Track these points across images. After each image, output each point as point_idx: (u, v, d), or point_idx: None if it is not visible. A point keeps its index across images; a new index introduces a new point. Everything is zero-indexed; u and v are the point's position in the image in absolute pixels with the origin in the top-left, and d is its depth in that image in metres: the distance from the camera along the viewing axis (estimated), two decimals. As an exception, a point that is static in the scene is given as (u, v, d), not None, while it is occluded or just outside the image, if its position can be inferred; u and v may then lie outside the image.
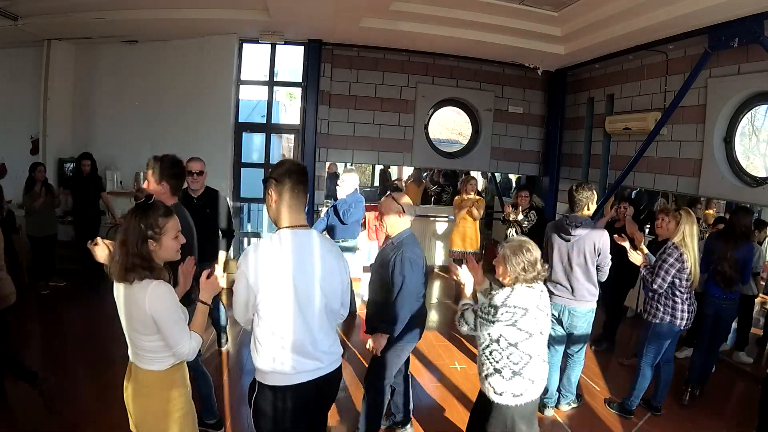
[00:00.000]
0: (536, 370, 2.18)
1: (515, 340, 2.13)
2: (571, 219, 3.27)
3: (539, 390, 2.22)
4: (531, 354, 2.15)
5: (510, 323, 2.12)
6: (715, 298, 3.70)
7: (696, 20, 4.35)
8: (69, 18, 5.34)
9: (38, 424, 2.97)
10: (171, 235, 1.84)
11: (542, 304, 2.20)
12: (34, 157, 6.15)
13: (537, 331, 2.15)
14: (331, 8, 5.04)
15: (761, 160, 4.94)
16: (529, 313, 2.12)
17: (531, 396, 2.18)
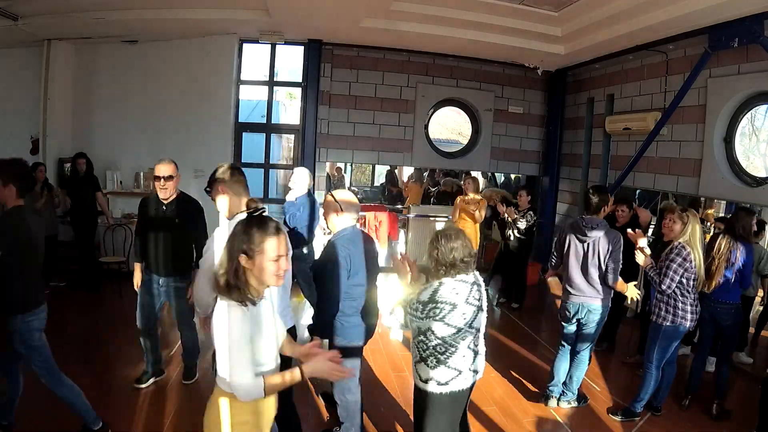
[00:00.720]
0: (463, 361, 2.19)
1: (442, 334, 2.14)
2: (586, 221, 3.32)
3: (467, 380, 2.23)
4: (458, 346, 2.17)
5: (438, 318, 2.12)
6: (710, 301, 3.46)
7: (696, 20, 4.35)
8: (69, 18, 5.34)
9: (38, 424, 2.97)
10: (270, 256, 1.62)
11: (473, 297, 2.17)
12: (34, 157, 6.14)
13: (465, 325, 2.15)
14: (331, 8, 5.05)
15: (761, 160, 4.94)
16: (457, 308, 2.12)
17: (458, 385, 2.20)
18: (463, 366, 2.19)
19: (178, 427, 3.02)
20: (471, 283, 2.19)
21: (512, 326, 5.28)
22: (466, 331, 2.16)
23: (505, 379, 3.96)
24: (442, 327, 2.13)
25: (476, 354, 2.25)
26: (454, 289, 2.13)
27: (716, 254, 3.43)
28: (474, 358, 2.24)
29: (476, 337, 2.23)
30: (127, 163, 6.38)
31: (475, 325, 2.19)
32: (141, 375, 3.50)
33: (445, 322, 2.12)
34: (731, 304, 3.47)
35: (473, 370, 2.24)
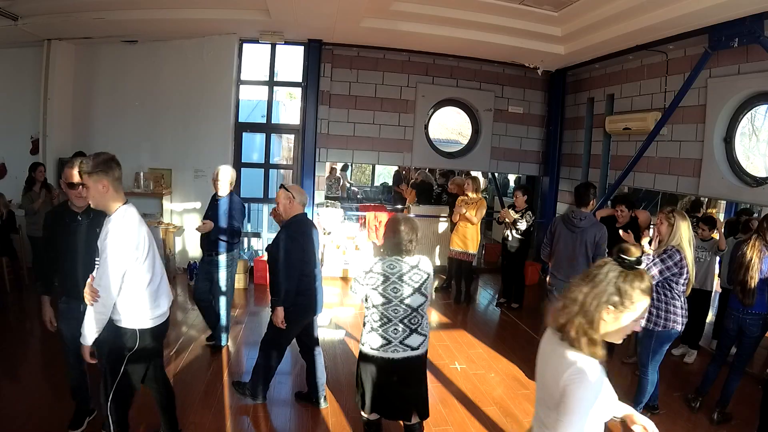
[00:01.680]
0: (394, 333, 2.51)
1: (377, 302, 2.50)
2: (576, 213, 3.72)
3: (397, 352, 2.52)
4: (390, 318, 2.50)
5: (373, 287, 2.48)
6: (736, 311, 3.32)
7: (696, 20, 4.35)
8: (69, 18, 5.34)
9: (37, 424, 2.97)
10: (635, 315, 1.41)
11: (409, 277, 2.51)
12: (34, 157, 6.15)
13: (396, 299, 2.48)
14: (331, 8, 5.04)
15: (761, 160, 4.94)
16: (389, 281, 2.48)
17: (387, 354, 2.52)
18: (394, 337, 2.51)
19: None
20: (411, 265, 2.53)
21: (512, 326, 5.28)
22: (397, 304, 2.49)
23: (505, 379, 3.96)
24: (376, 295, 2.49)
25: (412, 331, 2.54)
26: (390, 265, 2.51)
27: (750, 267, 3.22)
28: (408, 334, 2.53)
29: (412, 315, 2.52)
30: (127, 163, 6.22)
31: (408, 302, 2.50)
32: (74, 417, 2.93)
33: (379, 292, 2.48)
34: (760, 314, 3.28)
35: (407, 345, 2.53)
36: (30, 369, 3.79)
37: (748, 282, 3.22)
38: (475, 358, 4.33)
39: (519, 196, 5.63)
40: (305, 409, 3.33)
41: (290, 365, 4.01)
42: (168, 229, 6.18)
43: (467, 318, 5.54)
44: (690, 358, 4.47)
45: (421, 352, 2.58)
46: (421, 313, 2.56)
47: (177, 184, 6.49)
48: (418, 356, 2.57)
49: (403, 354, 2.52)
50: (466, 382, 3.86)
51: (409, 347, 2.54)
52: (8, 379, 3.55)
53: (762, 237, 3.25)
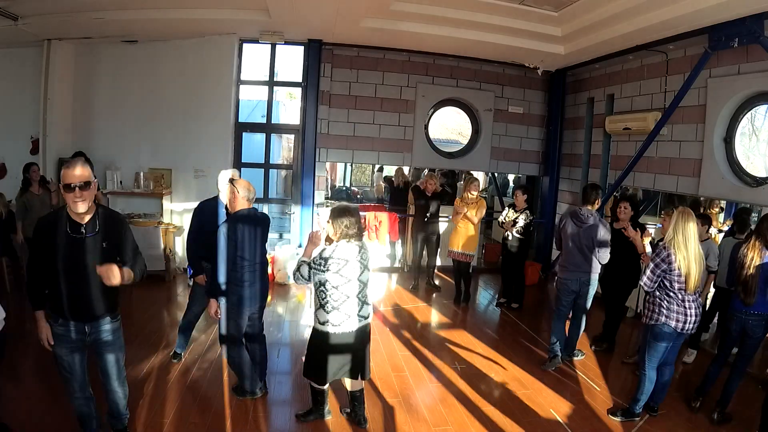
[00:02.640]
0: (352, 308, 2.84)
1: (337, 284, 2.79)
2: (584, 211, 4.09)
3: (355, 324, 2.86)
4: (349, 295, 2.82)
5: (335, 271, 2.76)
6: (739, 312, 3.30)
7: (696, 20, 4.35)
8: (69, 18, 5.34)
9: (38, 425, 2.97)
10: None
11: (362, 257, 2.86)
12: (34, 157, 6.15)
13: (355, 277, 2.83)
14: (331, 8, 5.04)
15: (761, 160, 4.94)
16: (349, 263, 2.79)
17: (348, 327, 2.85)
18: (352, 312, 2.85)
19: (177, 428, 3.02)
20: (360, 247, 2.86)
21: (512, 326, 5.28)
22: (355, 282, 2.83)
23: (505, 379, 3.96)
24: (337, 278, 2.77)
25: (364, 303, 2.91)
26: (346, 250, 2.80)
27: (750, 267, 3.21)
28: (362, 307, 2.90)
29: (363, 289, 2.90)
30: (127, 163, 6.38)
31: (362, 278, 2.87)
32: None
33: (340, 274, 2.77)
34: (763, 315, 3.25)
35: (361, 316, 2.90)
36: (30, 370, 3.79)
37: (749, 281, 3.21)
38: (475, 358, 4.32)
39: (519, 196, 5.61)
40: (305, 409, 3.32)
41: (290, 365, 4.01)
42: (168, 229, 6.18)
43: (467, 318, 5.54)
44: (689, 357, 4.46)
45: (370, 320, 2.99)
46: (367, 286, 2.95)
47: (177, 184, 6.49)
48: (368, 323, 2.97)
49: (358, 324, 2.88)
50: (466, 382, 3.86)
51: (363, 317, 2.91)
52: (8, 380, 3.55)
53: (762, 237, 3.24)
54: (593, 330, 5.08)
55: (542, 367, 4.15)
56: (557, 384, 3.91)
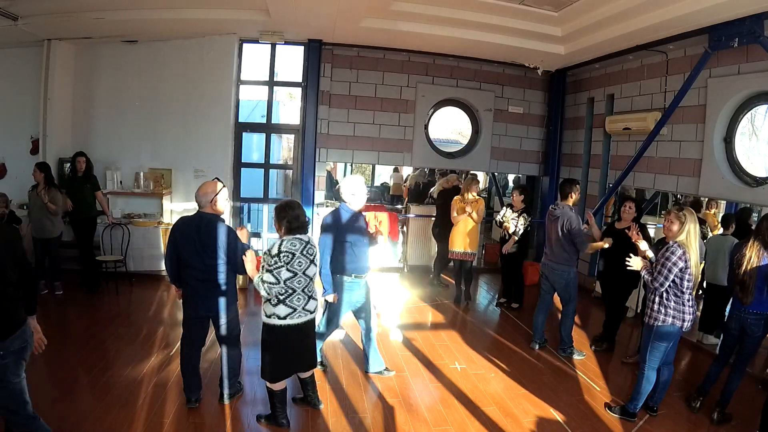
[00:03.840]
0: (298, 302, 2.91)
1: (285, 277, 2.84)
2: (556, 204, 4.48)
3: (302, 317, 2.94)
4: (295, 289, 2.89)
5: (281, 265, 2.83)
6: (739, 311, 3.32)
7: (696, 20, 4.35)
8: (69, 18, 5.34)
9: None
10: None
11: (307, 252, 2.92)
12: (34, 157, 6.15)
13: (301, 271, 2.89)
14: (331, 8, 5.04)
15: (761, 160, 4.93)
16: (296, 257, 2.86)
17: (293, 320, 2.91)
18: (298, 305, 2.91)
19: (177, 428, 3.02)
20: (305, 241, 2.93)
21: (512, 326, 5.28)
22: (301, 276, 2.90)
23: (505, 379, 3.95)
24: (285, 271, 2.84)
25: (309, 298, 2.98)
26: (293, 244, 2.87)
27: (748, 266, 3.22)
28: (307, 301, 2.96)
29: (309, 283, 2.96)
30: (127, 163, 6.38)
31: (308, 273, 2.94)
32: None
33: (287, 268, 2.84)
34: (761, 314, 3.27)
35: (307, 310, 2.96)
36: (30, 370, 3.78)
37: (747, 281, 3.22)
38: (475, 358, 4.32)
39: (516, 196, 5.58)
40: (305, 409, 3.33)
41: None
42: (168, 229, 6.18)
43: (467, 318, 5.54)
44: None
45: (315, 314, 3.06)
46: (314, 280, 3.01)
47: (177, 184, 6.49)
48: (313, 318, 3.04)
49: (304, 318, 2.96)
50: (466, 382, 3.86)
51: (309, 311, 2.98)
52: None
53: (761, 238, 3.24)
54: (593, 330, 5.08)
55: None
56: (557, 384, 3.91)
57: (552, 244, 4.42)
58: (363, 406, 3.42)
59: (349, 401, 3.47)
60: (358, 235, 3.62)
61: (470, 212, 5.52)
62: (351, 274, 3.60)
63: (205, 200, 3.16)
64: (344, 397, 3.53)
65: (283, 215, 2.90)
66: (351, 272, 3.60)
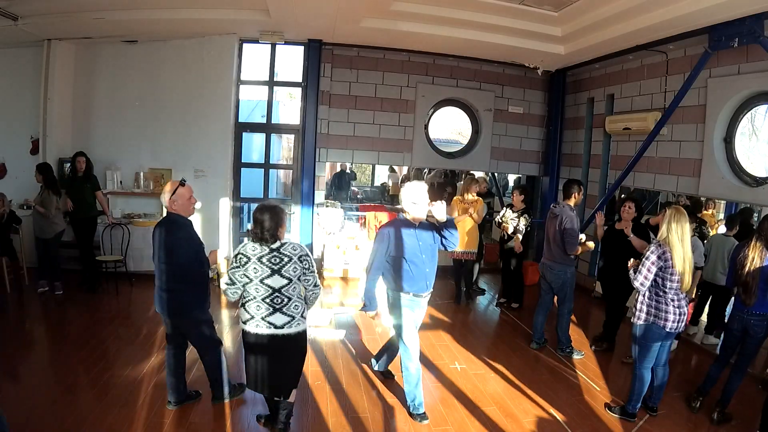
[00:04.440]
0: (257, 310, 2.74)
1: (243, 281, 2.75)
2: (557, 203, 4.52)
3: (261, 328, 2.75)
4: (253, 294, 2.74)
5: (238, 266, 2.74)
6: (741, 312, 3.31)
7: (696, 20, 4.35)
8: (69, 18, 5.34)
9: (37, 424, 2.97)
10: None
11: (270, 260, 2.73)
12: (34, 157, 6.15)
13: (257, 279, 2.73)
14: (331, 8, 5.04)
15: (761, 160, 4.93)
16: (250, 262, 2.73)
17: (252, 328, 2.76)
18: (257, 314, 2.74)
19: (177, 427, 3.02)
20: (272, 249, 2.73)
21: (512, 326, 5.28)
22: (258, 284, 2.73)
23: (504, 379, 3.95)
24: (240, 275, 2.74)
25: (276, 310, 2.74)
26: (252, 248, 2.74)
27: (751, 267, 3.21)
28: (271, 312, 2.74)
29: (275, 295, 2.73)
30: (127, 163, 6.38)
31: (269, 283, 2.73)
32: None
33: (243, 272, 2.74)
34: (764, 315, 3.25)
35: (270, 322, 2.74)
36: (30, 370, 3.79)
37: (750, 282, 3.21)
38: (475, 358, 4.32)
39: (516, 196, 5.60)
40: (305, 409, 3.33)
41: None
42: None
43: (467, 318, 5.54)
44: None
45: (287, 332, 2.77)
46: (286, 294, 2.75)
47: (177, 184, 6.48)
48: (284, 336, 2.77)
49: (267, 331, 2.75)
50: (466, 382, 3.86)
51: (273, 325, 2.75)
52: (8, 379, 3.55)
53: (762, 238, 3.23)
54: (593, 330, 5.08)
55: None
56: (557, 384, 3.91)
57: (550, 243, 4.43)
58: (363, 406, 3.42)
59: (349, 401, 3.47)
60: (417, 251, 3.18)
61: (472, 213, 5.53)
62: (409, 292, 3.24)
63: (163, 200, 3.06)
64: (344, 397, 3.53)
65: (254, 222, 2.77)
66: (408, 291, 3.24)
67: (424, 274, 3.23)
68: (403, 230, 3.19)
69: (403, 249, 3.17)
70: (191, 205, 3.16)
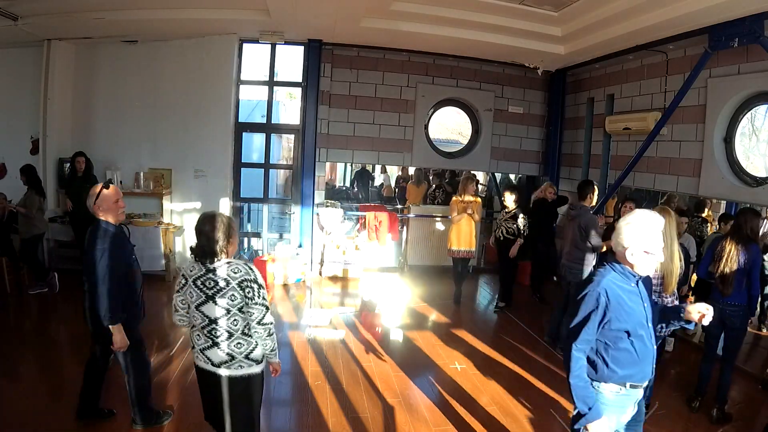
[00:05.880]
0: (197, 340, 2.26)
1: (183, 307, 2.29)
2: (574, 205, 4.61)
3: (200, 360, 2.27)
4: (194, 325, 2.25)
5: (177, 288, 2.29)
6: (718, 302, 3.35)
7: (696, 20, 4.35)
8: (69, 18, 5.34)
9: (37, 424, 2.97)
10: None
11: (201, 282, 2.20)
12: (34, 157, 6.15)
13: (192, 305, 2.21)
14: (331, 8, 5.04)
15: (761, 160, 4.94)
16: (187, 284, 2.23)
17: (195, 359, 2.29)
18: (197, 344, 2.26)
19: (177, 427, 3.02)
20: (209, 269, 2.19)
21: (512, 326, 5.28)
22: (194, 310, 2.22)
23: (505, 379, 3.95)
24: (180, 299, 2.28)
25: (214, 344, 2.20)
26: (190, 268, 2.25)
27: (728, 259, 3.36)
28: (209, 346, 2.21)
29: (211, 326, 2.19)
30: (127, 163, 6.37)
31: (204, 310, 2.19)
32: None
33: (182, 294, 2.27)
34: (740, 305, 3.38)
35: (207, 357, 2.23)
36: (29, 369, 3.79)
37: (728, 274, 3.37)
38: (475, 358, 4.32)
39: (507, 196, 5.54)
40: (305, 409, 3.33)
41: (289, 365, 4.01)
42: (168, 229, 6.18)
43: (467, 318, 5.54)
44: (669, 346, 4.59)
45: (224, 373, 2.21)
46: (225, 328, 2.18)
47: (177, 184, 6.48)
48: (221, 376, 2.22)
49: (204, 366, 2.26)
50: (466, 382, 3.86)
51: (210, 361, 2.23)
52: (8, 379, 3.55)
53: (739, 232, 3.41)
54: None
55: None
56: (558, 384, 3.91)
57: (568, 243, 4.50)
58: (363, 406, 3.42)
59: (349, 401, 3.47)
60: (643, 320, 2.08)
61: (471, 213, 5.54)
62: (624, 383, 2.08)
63: (88, 205, 2.77)
64: (344, 397, 3.53)
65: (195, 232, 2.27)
66: (624, 379, 2.08)
67: (649, 352, 2.11)
68: (623, 288, 2.06)
69: (626, 315, 2.03)
70: (119, 209, 2.86)
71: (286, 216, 7.40)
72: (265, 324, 2.22)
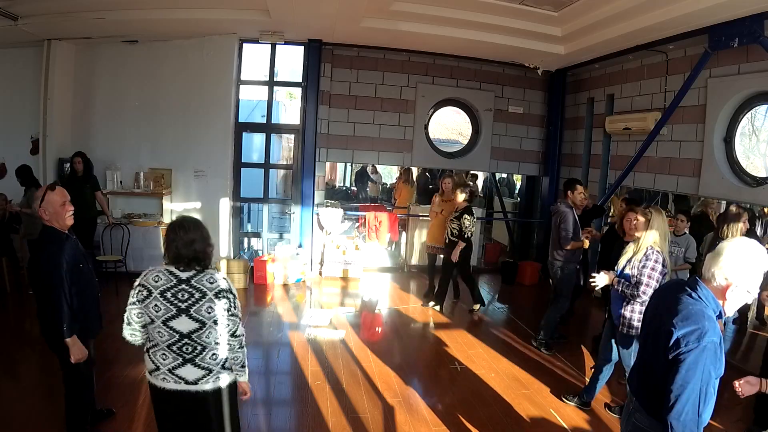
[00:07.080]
0: (162, 359, 2.04)
1: (141, 321, 2.06)
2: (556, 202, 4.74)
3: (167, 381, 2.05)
4: (157, 340, 2.03)
5: (134, 301, 2.03)
6: None
7: (696, 20, 4.35)
8: (69, 18, 5.33)
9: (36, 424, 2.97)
10: None
11: (173, 293, 1.99)
12: (34, 157, 6.15)
13: (159, 319, 2.00)
14: (331, 8, 5.04)
15: (761, 160, 4.94)
16: (152, 296, 2.00)
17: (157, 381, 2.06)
18: (163, 364, 2.04)
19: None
20: (180, 280, 2.01)
21: (512, 326, 5.28)
22: (160, 326, 2.00)
23: (505, 379, 3.96)
24: (136, 311, 2.04)
25: (186, 361, 2.03)
26: (155, 278, 2.02)
27: None
28: (180, 364, 2.03)
29: (183, 342, 2.02)
30: (127, 163, 6.37)
31: (173, 325, 2.00)
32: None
33: (141, 307, 2.02)
34: None
35: (178, 376, 2.04)
36: (29, 369, 3.79)
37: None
38: (475, 358, 4.32)
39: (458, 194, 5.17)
40: (305, 409, 3.33)
41: (289, 366, 4.01)
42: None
43: (467, 318, 5.54)
44: None
45: (201, 389, 2.06)
46: (199, 341, 2.03)
47: (177, 184, 6.49)
48: (198, 392, 2.06)
49: (175, 386, 2.05)
50: (466, 382, 3.86)
51: (183, 379, 2.04)
52: (7, 379, 3.55)
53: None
54: (593, 330, 5.08)
55: None
56: (557, 384, 3.91)
57: (552, 239, 4.59)
58: (363, 406, 3.42)
59: (349, 401, 3.47)
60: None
61: (440, 211, 5.62)
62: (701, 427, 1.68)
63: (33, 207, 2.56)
64: (344, 397, 3.53)
65: (171, 237, 2.06)
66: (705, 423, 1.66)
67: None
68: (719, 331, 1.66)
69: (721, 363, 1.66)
70: (66, 212, 2.56)
71: (286, 216, 7.41)
72: (239, 336, 2.10)
